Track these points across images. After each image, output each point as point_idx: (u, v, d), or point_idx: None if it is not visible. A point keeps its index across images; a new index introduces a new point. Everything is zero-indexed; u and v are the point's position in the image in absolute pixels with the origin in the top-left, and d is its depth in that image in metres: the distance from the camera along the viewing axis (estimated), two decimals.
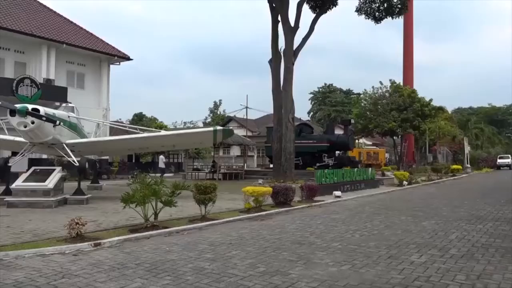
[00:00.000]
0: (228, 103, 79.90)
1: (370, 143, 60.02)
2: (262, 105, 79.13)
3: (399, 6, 25.74)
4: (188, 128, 51.19)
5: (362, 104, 42.61)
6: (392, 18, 26.23)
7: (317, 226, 9.78)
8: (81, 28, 29.86)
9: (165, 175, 25.52)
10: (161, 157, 26.98)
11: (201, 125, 58.87)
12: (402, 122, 37.88)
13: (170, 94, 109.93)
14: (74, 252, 6.86)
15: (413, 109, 38.02)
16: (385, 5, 25.73)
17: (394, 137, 43.54)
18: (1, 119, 14.53)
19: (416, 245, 7.57)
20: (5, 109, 12.78)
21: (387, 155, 49.99)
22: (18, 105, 12.71)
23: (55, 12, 29.85)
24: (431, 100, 40.48)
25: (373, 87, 41.80)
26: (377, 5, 25.98)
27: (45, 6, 29.87)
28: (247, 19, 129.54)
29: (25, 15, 26.22)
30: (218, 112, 66.16)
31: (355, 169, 22.01)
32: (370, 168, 23.25)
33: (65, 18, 29.86)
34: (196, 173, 28.38)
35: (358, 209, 13.12)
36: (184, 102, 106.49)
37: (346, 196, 16.69)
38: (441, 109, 45.16)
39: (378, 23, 26.61)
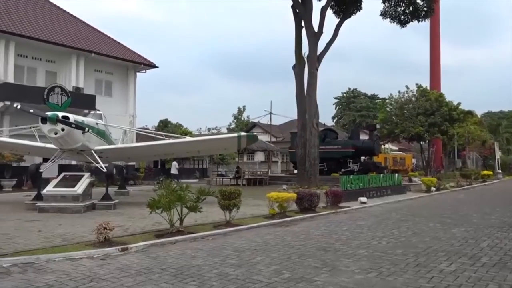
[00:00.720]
0: (252, 109, 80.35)
1: (396, 148, 59.02)
2: (286, 110, 79.34)
3: (425, 9, 25.33)
4: (212, 134, 51.64)
5: (388, 109, 42.01)
6: (418, 21, 25.83)
7: (343, 232, 9.67)
8: (109, 37, 30.63)
9: (190, 181, 25.77)
10: (174, 163, 27.15)
11: (225, 131, 59.23)
12: (429, 127, 37.12)
13: (195, 100, 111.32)
14: (102, 257, 6.99)
15: (440, 113, 37.21)
16: (411, 8, 25.37)
17: (421, 142, 42.68)
18: (33, 127, 14.99)
19: (445, 253, 7.38)
20: (37, 117, 13.20)
21: (414, 160, 49.04)
22: (49, 113, 13.11)
23: (84, 22, 30.75)
24: (459, 104, 39.58)
25: (399, 91, 41.23)
26: (403, 8, 25.65)
27: (74, 16, 30.79)
28: (270, 25, 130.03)
29: (55, 26, 27.11)
30: (242, 118, 66.36)
31: (381, 174, 21.68)
32: (396, 174, 22.87)
33: (93, 28, 30.71)
34: (221, 179, 28.54)
35: (384, 216, 12.90)
36: (208, 108, 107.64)
37: (372, 202, 16.44)
38: (470, 113, 44.09)
39: (403, 27, 26.26)
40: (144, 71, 31.09)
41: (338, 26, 24.03)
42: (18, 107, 13.79)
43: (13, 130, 18.78)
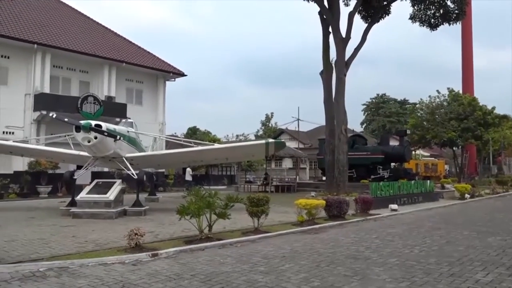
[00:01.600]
0: (279, 116, 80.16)
1: (428, 154, 57.59)
2: (314, 117, 78.90)
3: (456, 11, 24.69)
4: (240, 141, 51.85)
5: (419, 114, 41.09)
6: (449, 24, 25.21)
7: (373, 240, 9.49)
8: (139, 47, 31.39)
9: (218, 187, 25.93)
10: (188, 169, 27.28)
11: (253, 138, 59.36)
12: (462, 132, 36.04)
13: (223, 108, 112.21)
14: (133, 262, 7.12)
15: (474, 118, 36.07)
16: (441, 11, 24.79)
17: (454, 148, 41.47)
18: (68, 135, 15.49)
19: (481, 263, 7.13)
20: (71, 125, 13.64)
21: (446, 166, 47.71)
22: (82, 122, 13.52)
23: (115, 33, 31.66)
24: (493, 108, 38.28)
25: (429, 96, 40.28)
26: (433, 11, 25.09)
27: (106, 27, 31.75)
28: (298, 31, 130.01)
29: (89, 37, 28.02)
30: (270, 125, 66.39)
31: (412, 181, 21.20)
32: (428, 181, 22.33)
33: (124, 38, 31.56)
34: (249, 186, 28.59)
35: (416, 223, 12.59)
36: (236, 115, 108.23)
37: (403, 210, 16.09)
38: (505, 117, 42.49)
39: (433, 30, 25.67)
40: (173, 79, 31.62)
41: (366, 31, 23.75)
42: (54, 116, 14.26)
43: (49, 139, 19.46)
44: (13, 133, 22.62)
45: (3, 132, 22.35)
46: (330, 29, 22.99)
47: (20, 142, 17.94)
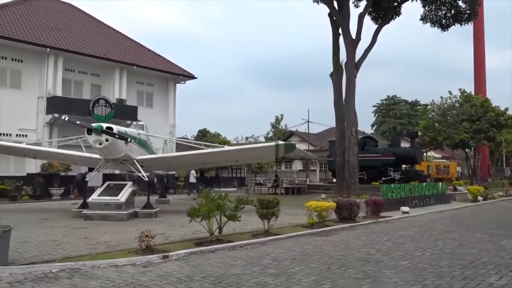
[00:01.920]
0: (289, 118, 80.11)
1: (440, 156, 57.01)
2: (324, 118, 78.65)
3: (467, 12, 24.45)
4: (250, 143, 51.88)
5: (430, 116, 40.70)
6: (461, 24, 24.97)
7: (384, 243, 9.42)
8: (150, 50, 31.62)
9: (228, 189, 25.93)
10: (192, 171, 27.30)
11: (263, 140, 59.34)
12: (474, 133, 35.61)
13: (232, 110, 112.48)
14: (144, 264, 7.16)
15: (486, 119, 35.61)
16: (453, 11, 24.58)
17: (466, 150, 40.99)
18: (80, 137, 15.64)
19: (494, 266, 7.03)
20: (83, 128, 13.78)
21: (458, 168, 47.19)
22: (94, 124, 13.65)
23: (126, 36, 31.94)
24: (507, 109, 37.77)
25: (441, 97, 39.88)
26: (444, 12, 24.89)
27: (117, 31, 32.05)
28: (306, 32, 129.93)
29: (100, 41, 28.31)
30: (280, 127, 66.34)
31: (424, 183, 21.01)
32: (440, 183, 22.11)
33: (135, 42, 31.82)
34: (259, 188, 28.59)
35: (428, 226, 12.47)
36: (246, 117, 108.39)
37: (415, 212, 15.95)
38: None
39: (445, 31, 25.46)
40: (184, 82, 31.78)
41: (377, 33, 23.65)
42: (66, 119, 14.43)
43: (61, 141, 19.68)
44: (26, 135, 22.92)
45: (17, 135, 22.66)
46: (340, 31, 22.94)
47: (33, 145, 18.18)
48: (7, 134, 22.24)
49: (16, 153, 18.57)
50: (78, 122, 13.81)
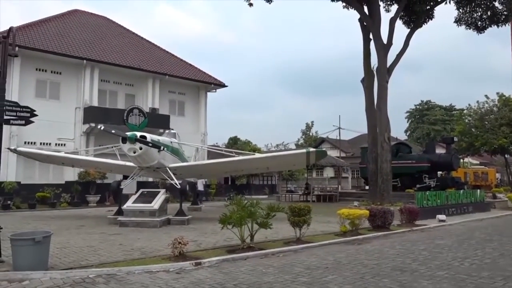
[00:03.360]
0: (320, 124, 79.30)
1: (477, 162, 55.03)
2: (355, 125, 77.65)
3: (505, 13, 23.63)
4: (280, 150, 51.78)
5: (466, 121, 39.43)
6: (498, 26, 24.16)
7: (420, 252, 9.16)
8: (181, 59, 32.27)
9: (259, 197, 25.94)
10: (202, 180, 27.36)
11: (293, 147, 59.15)
12: None
13: (263, 117, 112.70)
14: (177, 270, 7.25)
15: None
16: (489, 13, 23.81)
17: (506, 155, 39.39)
18: (115, 146, 16.09)
19: None
20: (118, 137, 14.17)
21: (498, 175, 45.34)
22: (128, 133, 14.01)
23: (158, 47, 32.73)
24: None
25: (477, 101, 38.59)
26: (479, 14, 24.15)
27: (149, 41, 32.90)
28: (337, 39, 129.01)
29: (133, 52, 29.13)
30: (311, 134, 65.99)
31: (461, 190, 20.33)
32: (478, 190, 21.33)
33: (166, 52, 32.56)
34: (290, 195, 28.46)
35: (466, 235, 12.04)
36: (276, 124, 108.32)
37: (452, 220, 15.44)
38: None
39: (480, 33, 24.68)
40: (214, 90, 32.19)
41: (409, 37, 23.19)
42: (102, 128, 14.86)
43: (97, 150, 20.30)
44: (64, 144, 23.79)
45: (56, 144, 23.55)
46: (371, 36, 22.64)
47: (71, 154, 18.84)
48: (46, 144, 23.16)
49: (55, 161, 19.30)
50: (113, 131, 14.20)
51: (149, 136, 14.23)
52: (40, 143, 22.90)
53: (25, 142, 22.05)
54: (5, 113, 8.04)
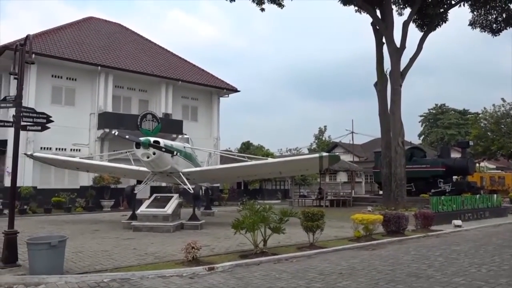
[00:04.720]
0: (332, 129, 78.77)
1: (494, 166, 54.13)
2: (368, 129, 77.04)
3: None
4: (293, 155, 51.64)
5: (482, 124, 38.88)
6: None
7: (436, 258, 9.03)
8: (194, 65, 32.50)
9: (272, 202, 25.89)
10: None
11: (306, 151, 58.97)
12: None
13: (275, 122, 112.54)
14: (191, 275, 7.27)
15: None
16: (504, 15, 23.51)
17: None
18: (129, 151, 16.25)
19: None
20: (132, 142, 14.31)
21: None
22: (142, 138, 14.13)
23: (171, 53, 33.04)
24: None
25: (493, 105, 38.04)
26: (494, 16, 23.87)
27: (162, 47, 33.23)
28: (350, 43, 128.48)
29: (147, 58, 29.44)
30: (323, 138, 65.71)
31: (477, 195, 20.00)
32: (495, 195, 20.94)
33: (179, 57, 32.83)
34: (303, 200, 28.34)
35: (483, 241, 11.83)
36: (289, 129, 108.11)
37: (468, 226, 15.19)
38: None
39: (496, 36, 24.38)
40: (227, 95, 32.30)
41: (422, 40, 23.00)
42: (116, 133, 15.02)
43: (111, 155, 20.53)
44: (79, 150, 24.10)
45: (71, 149, 23.88)
46: (384, 40, 22.52)
47: (85, 159, 19.08)
48: (62, 149, 23.50)
49: (70, 166, 19.56)
50: (127, 137, 14.33)
51: (163, 141, 14.33)
52: (56, 149, 23.24)
53: (41, 148, 22.43)
54: (22, 119, 8.20)
